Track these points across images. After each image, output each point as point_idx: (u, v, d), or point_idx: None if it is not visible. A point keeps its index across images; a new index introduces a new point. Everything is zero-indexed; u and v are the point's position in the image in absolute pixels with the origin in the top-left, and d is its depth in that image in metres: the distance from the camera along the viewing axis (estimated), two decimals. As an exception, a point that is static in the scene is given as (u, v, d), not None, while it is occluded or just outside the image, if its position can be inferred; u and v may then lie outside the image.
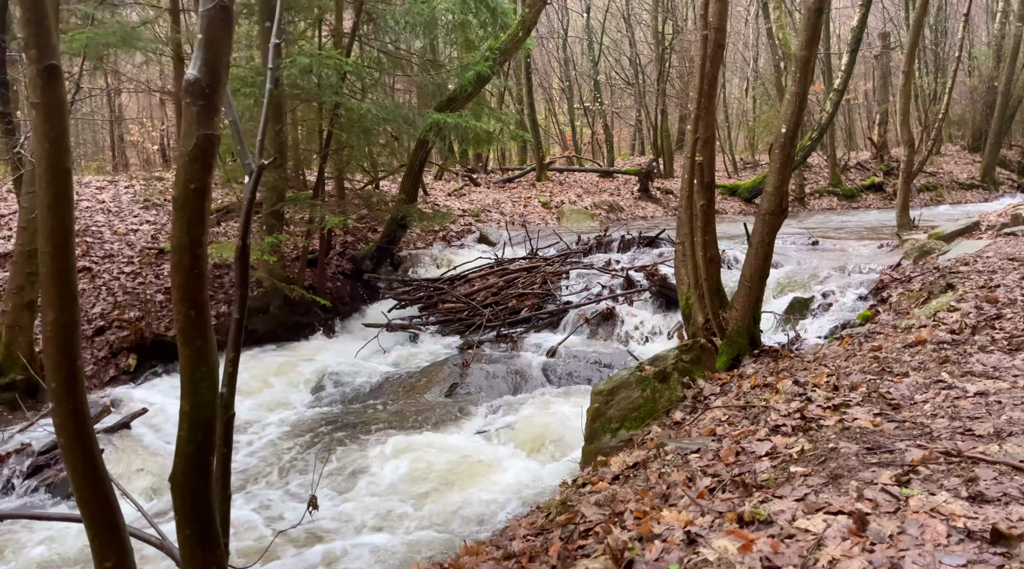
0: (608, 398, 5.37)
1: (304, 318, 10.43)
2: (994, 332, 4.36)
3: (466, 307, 10.58)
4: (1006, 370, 3.51)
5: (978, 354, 3.89)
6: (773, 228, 6.85)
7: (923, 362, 3.95)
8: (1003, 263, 7.08)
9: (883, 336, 5.26)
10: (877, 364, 4.11)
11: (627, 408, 5.31)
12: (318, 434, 7.00)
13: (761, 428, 3.25)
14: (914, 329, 5.18)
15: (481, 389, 8.44)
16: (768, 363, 6.51)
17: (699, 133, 7.08)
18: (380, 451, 6.47)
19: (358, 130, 9.45)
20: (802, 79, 6.62)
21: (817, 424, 3.07)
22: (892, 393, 3.34)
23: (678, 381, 5.37)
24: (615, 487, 3.15)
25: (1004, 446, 2.44)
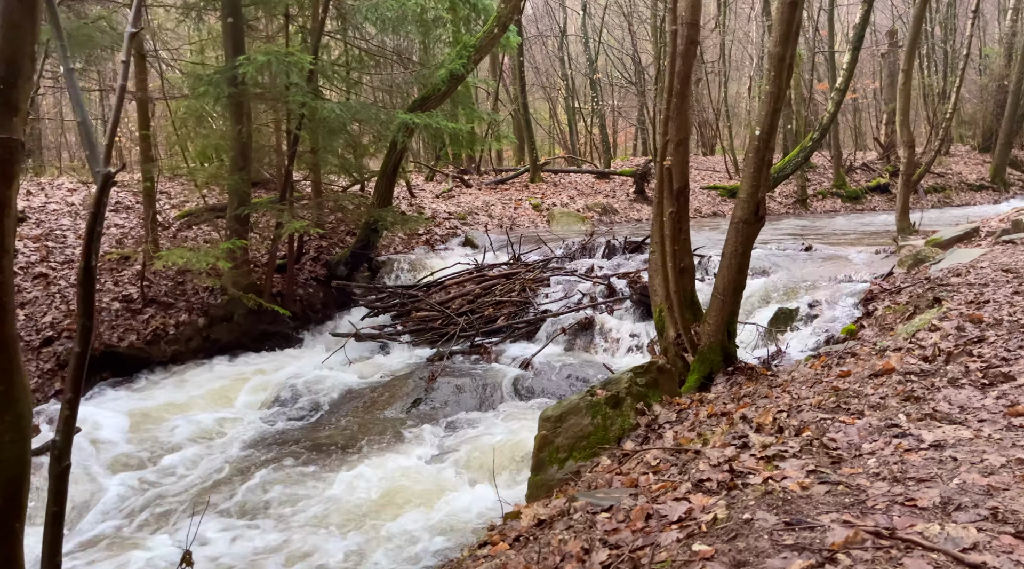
0: (557, 425, 4.94)
1: (272, 327, 10.02)
2: (970, 360, 3.90)
3: (440, 315, 10.15)
4: (973, 411, 3.06)
5: (947, 389, 3.43)
6: (747, 237, 6.40)
7: (884, 397, 3.49)
8: (996, 275, 6.60)
9: (854, 360, 4.80)
10: (835, 398, 3.66)
11: (576, 436, 4.87)
12: (259, 456, 6.59)
13: (684, 482, 2.80)
14: (888, 352, 4.72)
15: (446, 404, 8.01)
16: (737, 384, 6.07)
17: (670, 135, 6.64)
18: (320, 476, 6.07)
19: (324, 131, 9.04)
20: (777, 78, 6.16)
21: (743, 482, 2.62)
22: (838, 440, 2.88)
23: (631, 407, 4.92)
24: (511, 553, 2.72)
25: (947, 526, 1.99)
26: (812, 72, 24.07)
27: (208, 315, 9.41)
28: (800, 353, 7.60)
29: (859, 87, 31.88)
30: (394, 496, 5.56)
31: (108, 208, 11.94)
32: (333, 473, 6.18)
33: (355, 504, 5.50)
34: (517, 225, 15.66)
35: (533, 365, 8.88)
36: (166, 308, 9.20)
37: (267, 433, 7.23)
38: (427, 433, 7.08)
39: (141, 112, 9.63)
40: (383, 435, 7.03)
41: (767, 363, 7.70)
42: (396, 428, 7.24)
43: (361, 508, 5.46)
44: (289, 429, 7.33)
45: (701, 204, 20.18)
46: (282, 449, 6.76)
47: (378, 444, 6.82)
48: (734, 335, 6.74)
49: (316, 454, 6.65)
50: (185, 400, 7.89)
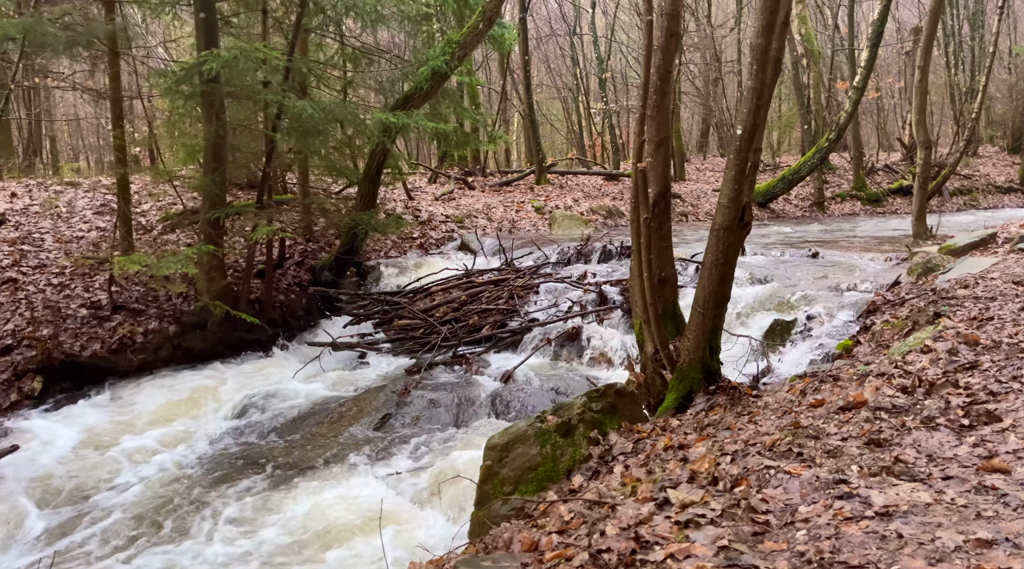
0: (503, 454, 4.47)
1: (249, 334, 9.64)
2: (954, 393, 3.38)
3: (423, 324, 9.72)
4: (941, 464, 2.55)
5: (919, 431, 2.93)
6: (730, 245, 5.89)
7: (846, 439, 2.99)
8: (1006, 287, 6.03)
9: (831, 386, 4.29)
10: (792, 437, 3.16)
11: (523, 468, 4.40)
12: (209, 479, 6.18)
13: (582, 552, 2.32)
14: (869, 378, 4.20)
15: (418, 421, 7.56)
16: (716, 406, 5.59)
17: (648, 135, 6.16)
18: (269, 503, 5.65)
19: (299, 132, 8.65)
20: (759, 72, 5.65)
21: (643, 558, 2.14)
22: (771, 501, 2.39)
23: (584, 435, 4.44)
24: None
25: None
26: (832, 70, 23.33)
27: (180, 322, 9.05)
28: (794, 369, 7.07)
29: (883, 86, 31.03)
30: (340, 527, 5.13)
31: (91, 210, 11.66)
32: (283, 498, 5.77)
33: (298, 535, 5.08)
34: (517, 228, 15.20)
35: (514, 378, 8.42)
36: (136, 315, 8.86)
37: (224, 452, 6.82)
38: (391, 453, 6.64)
39: (115, 112, 9.29)
40: (344, 455, 6.60)
41: (757, 380, 7.20)
42: (359, 447, 6.81)
43: (303, 540, 5.04)
44: (248, 447, 6.93)
45: (712, 206, 19.56)
46: (236, 470, 6.36)
47: (337, 465, 6.40)
48: (717, 351, 6.24)
49: (269, 476, 6.23)
50: (144, 414, 7.53)
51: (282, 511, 5.53)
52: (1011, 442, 2.66)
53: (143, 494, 5.90)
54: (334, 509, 5.38)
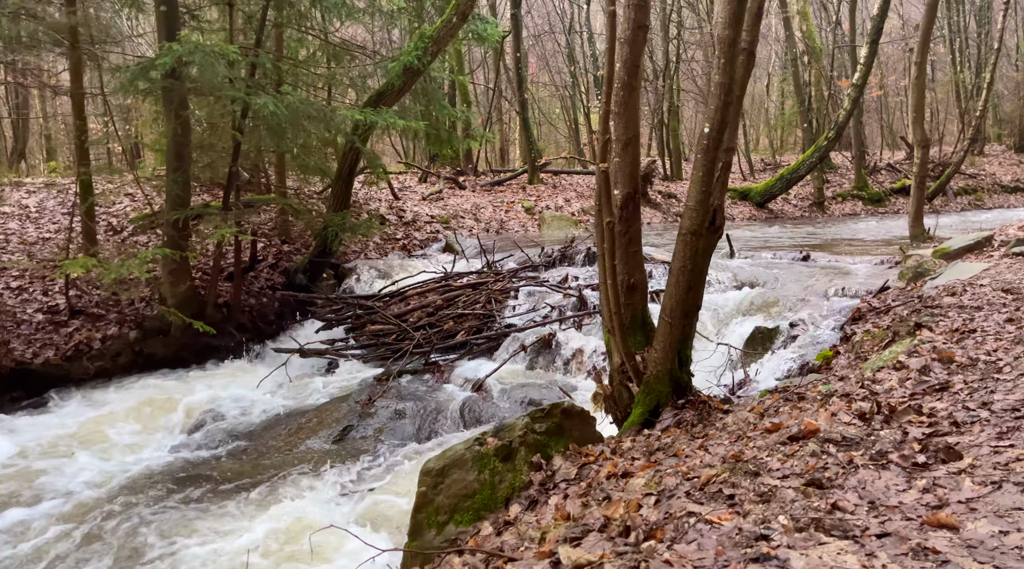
0: (438, 480, 4.12)
1: (216, 340, 9.31)
2: (916, 421, 3.02)
3: (396, 329, 9.38)
4: (884, 513, 2.19)
5: (866, 469, 2.57)
6: (698, 251, 5.52)
7: (785, 477, 2.64)
8: (994, 296, 5.65)
9: (790, 408, 3.93)
10: (729, 474, 2.81)
11: (459, 495, 4.05)
12: (151, 498, 5.85)
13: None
14: (833, 399, 3.85)
15: (380, 433, 7.22)
16: (677, 426, 5.24)
17: (615, 134, 5.81)
18: (205, 527, 5.32)
19: (265, 130, 8.32)
20: (727, 66, 5.29)
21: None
22: (676, 565, 2.04)
23: (525, 460, 4.09)
24: None
25: None
26: (834, 67, 22.89)
27: (142, 328, 8.74)
28: (771, 381, 6.70)
29: (888, 83, 30.53)
30: (272, 553, 4.78)
31: (62, 211, 11.36)
32: (220, 522, 5.43)
33: (222, 564, 4.74)
34: (506, 229, 14.85)
35: (485, 387, 8.08)
36: (95, 320, 8.54)
37: (170, 468, 6.49)
38: (345, 470, 6.30)
39: (76, 109, 8.97)
40: (294, 471, 6.26)
41: (733, 392, 6.84)
42: (313, 462, 6.47)
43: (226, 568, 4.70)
44: (195, 462, 6.59)
45: (709, 207, 19.17)
46: (174, 488, 6.02)
47: (284, 483, 6.05)
48: (687, 362, 5.88)
49: (212, 496, 5.89)
50: (94, 426, 7.20)
51: (208, 534, 5.19)
52: (965, 488, 2.29)
53: (64, 512, 5.58)
54: (269, 533, 5.04)
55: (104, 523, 5.38)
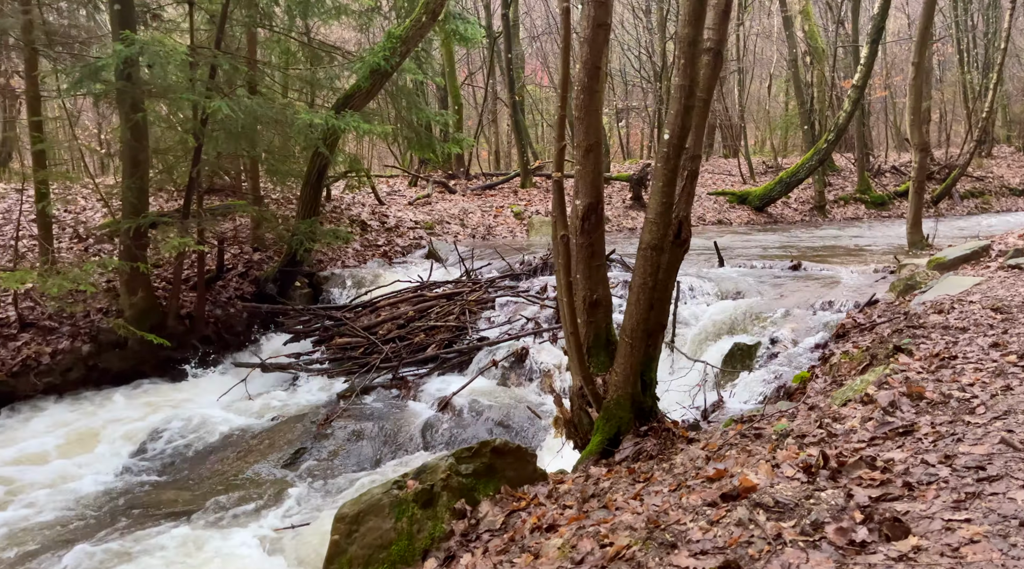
0: (352, 527, 3.72)
1: (178, 352, 8.95)
2: (865, 480, 2.60)
3: (364, 342, 8.99)
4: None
5: (792, 550, 2.16)
6: (660, 266, 5.13)
7: (701, 556, 2.23)
8: (982, 315, 5.22)
9: (739, 450, 3.52)
10: (641, 546, 2.40)
11: (374, 545, 3.65)
12: (80, 528, 5.48)
13: None
14: (787, 441, 3.44)
15: (334, 456, 6.83)
16: (636, 458, 4.86)
17: (576, 140, 5.45)
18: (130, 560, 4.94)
19: (224, 134, 7.96)
20: (687, 67, 4.88)
21: None
22: None
23: (448, 506, 3.68)
24: None
25: None
26: (837, 68, 22.39)
27: (97, 341, 8.37)
28: (744, 404, 6.28)
29: (892, 84, 29.95)
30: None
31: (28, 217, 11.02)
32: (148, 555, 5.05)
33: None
34: (493, 235, 14.45)
35: (452, 405, 7.68)
36: (47, 333, 8.19)
37: (107, 495, 6.11)
38: (290, 498, 5.90)
39: (31, 111, 8.62)
40: (234, 500, 5.87)
41: (706, 415, 6.41)
42: (256, 490, 6.09)
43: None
44: (134, 490, 6.20)
45: (706, 211, 18.72)
46: (111, 521, 5.64)
47: (222, 515, 5.66)
48: (651, 385, 5.48)
49: (144, 525, 5.51)
50: (36, 448, 6.84)
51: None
52: (903, 587, 1.88)
53: None
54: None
55: (12, 553, 5.01)
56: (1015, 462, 2.56)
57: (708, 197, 19.57)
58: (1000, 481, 2.42)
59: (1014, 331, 4.63)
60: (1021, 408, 3.11)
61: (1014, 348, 4.23)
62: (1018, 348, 4.22)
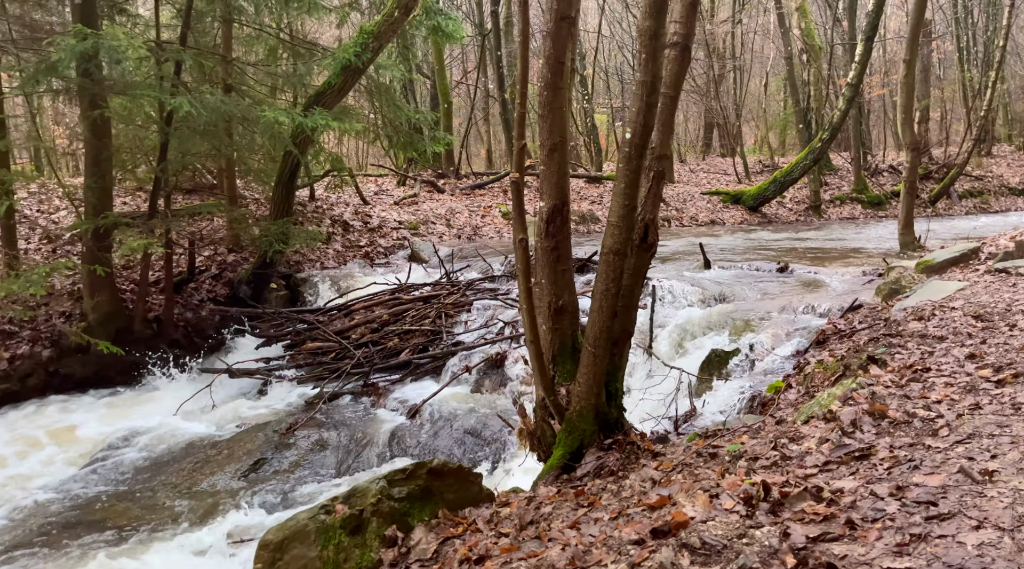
0: (277, 555, 3.47)
1: (145, 357, 8.71)
2: (806, 516, 2.35)
3: (336, 347, 8.74)
4: None
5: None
6: (623, 272, 4.88)
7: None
8: (962, 323, 4.96)
9: (684, 476, 3.27)
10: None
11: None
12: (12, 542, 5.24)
13: None
14: (740, 463, 3.20)
15: (296, 467, 6.58)
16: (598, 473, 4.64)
17: (540, 139, 5.21)
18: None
19: (189, 132, 7.73)
20: (649, 62, 4.64)
21: None
22: None
23: (378, 533, 3.43)
24: None
25: None
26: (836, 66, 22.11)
27: (58, 346, 8.13)
28: (717, 415, 6.02)
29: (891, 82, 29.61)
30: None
31: None
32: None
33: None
34: (480, 235, 14.20)
35: (422, 413, 7.44)
36: (6, 338, 7.96)
37: (54, 508, 5.85)
38: (241, 512, 5.66)
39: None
40: (187, 515, 5.64)
41: (677, 425, 6.15)
42: (212, 503, 5.84)
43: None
44: (84, 503, 5.95)
45: (699, 211, 18.44)
46: (50, 533, 5.40)
47: (171, 530, 5.42)
48: (617, 396, 5.25)
49: (81, 542, 5.27)
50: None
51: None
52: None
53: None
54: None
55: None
56: (971, 497, 2.30)
57: (701, 197, 19.30)
58: (951, 520, 2.17)
59: (993, 341, 4.38)
60: (987, 431, 2.86)
61: (990, 360, 3.98)
62: (994, 360, 3.96)
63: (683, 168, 24.17)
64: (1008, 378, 3.54)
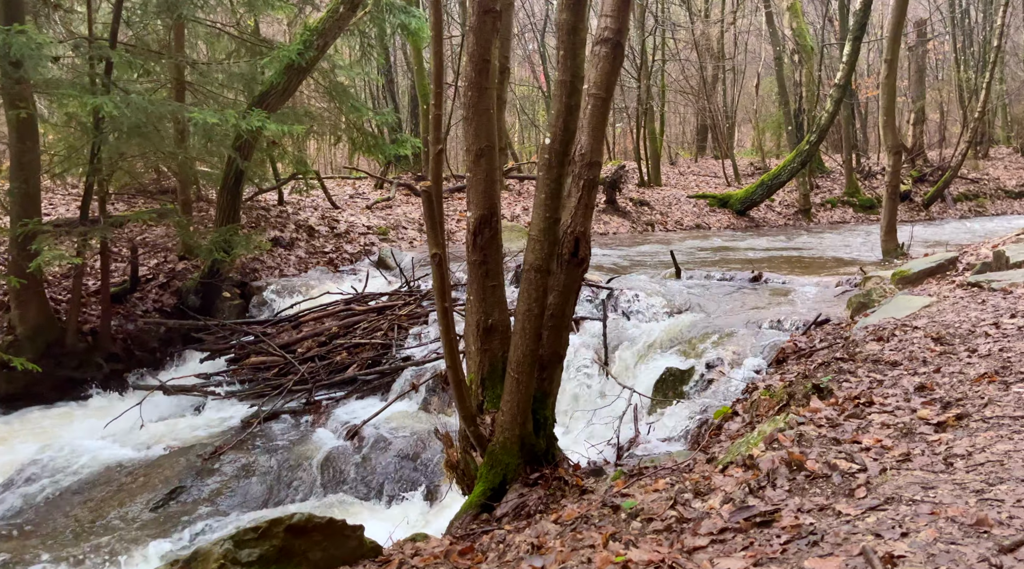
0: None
1: (80, 372, 8.28)
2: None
3: (281, 361, 8.30)
4: None
5: None
6: (545, 290, 4.45)
7: None
8: (920, 346, 4.49)
9: (571, 539, 2.82)
10: None
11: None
12: None
13: None
14: (633, 524, 2.75)
15: (218, 496, 6.11)
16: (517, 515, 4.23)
17: (466, 143, 4.82)
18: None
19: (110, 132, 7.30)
20: (568, 58, 4.22)
21: None
22: None
23: (220, 600, 2.97)
24: None
25: None
26: (820, 68, 21.64)
27: (-21, 361, 7.68)
28: (662, 444, 5.57)
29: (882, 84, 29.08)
30: None
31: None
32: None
33: None
34: (452, 241, 13.75)
35: (362, 435, 6.98)
36: (-75, 354, 7.50)
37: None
38: (139, 551, 5.20)
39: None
40: (82, 554, 5.18)
41: (620, 454, 5.69)
42: (114, 542, 5.39)
43: None
44: (-25, 533, 5.52)
45: (684, 215, 17.97)
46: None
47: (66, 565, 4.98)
48: (547, 424, 4.82)
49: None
50: None
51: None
52: None
53: None
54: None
55: None
56: (864, 598, 1.85)
57: (688, 200, 18.82)
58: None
59: (948, 369, 3.92)
60: (908, 494, 2.40)
61: (939, 394, 3.52)
62: (944, 394, 3.51)
63: (672, 170, 23.69)
64: (950, 420, 3.08)
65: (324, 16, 8.03)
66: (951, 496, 2.33)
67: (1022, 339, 4.20)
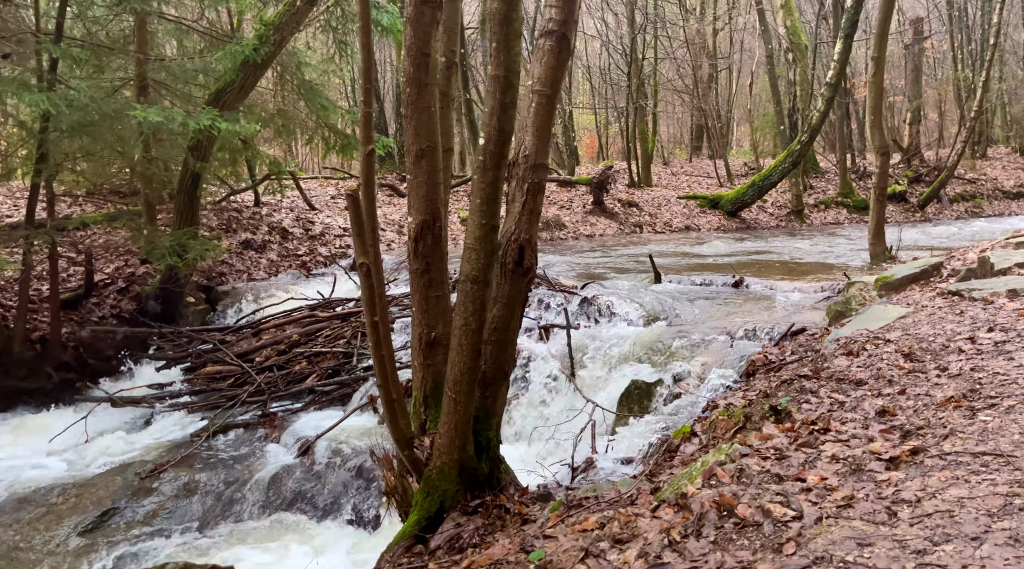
0: None
1: (29, 382, 7.94)
2: None
3: (238, 371, 7.95)
4: None
5: None
6: (484, 303, 4.08)
7: None
8: (889, 362, 4.14)
9: None
10: None
11: None
12: None
13: None
14: None
15: (154, 518, 5.77)
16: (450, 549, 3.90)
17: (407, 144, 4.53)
18: None
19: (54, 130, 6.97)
20: (500, 50, 3.86)
21: None
22: None
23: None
24: None
25: None
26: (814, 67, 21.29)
27: (-78, 372, 7.36)
28: (617, 464, 5.21)
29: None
30: None
31: None
32: None
33: None
34: (432, 244, 13.36)
35: (316, 450, 6.64)
36: None
37: None
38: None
39: None
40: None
41: (575, 475, 5.34)
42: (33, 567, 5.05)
43: None
44: None
45: (674, 216, 17.61)
46: None
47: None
48: (490, 447, 4.47)
49: None
50: None
51: None
52: None
53: None
54: None
55: None
56: None
57: (678, 201, 18.46)
58: None
59: (913, 391, 3.57)
60: (839, 554, 2.05)
61: (900, 420, 3.18)
62: (904, 420, 3.17)
63: (665, 171, 23.33)
64: (904, 455, 2.73)
65: (281, 10, 7.68)
66: (887, 558, 1.98)
67: (997, 356, 3.85)
